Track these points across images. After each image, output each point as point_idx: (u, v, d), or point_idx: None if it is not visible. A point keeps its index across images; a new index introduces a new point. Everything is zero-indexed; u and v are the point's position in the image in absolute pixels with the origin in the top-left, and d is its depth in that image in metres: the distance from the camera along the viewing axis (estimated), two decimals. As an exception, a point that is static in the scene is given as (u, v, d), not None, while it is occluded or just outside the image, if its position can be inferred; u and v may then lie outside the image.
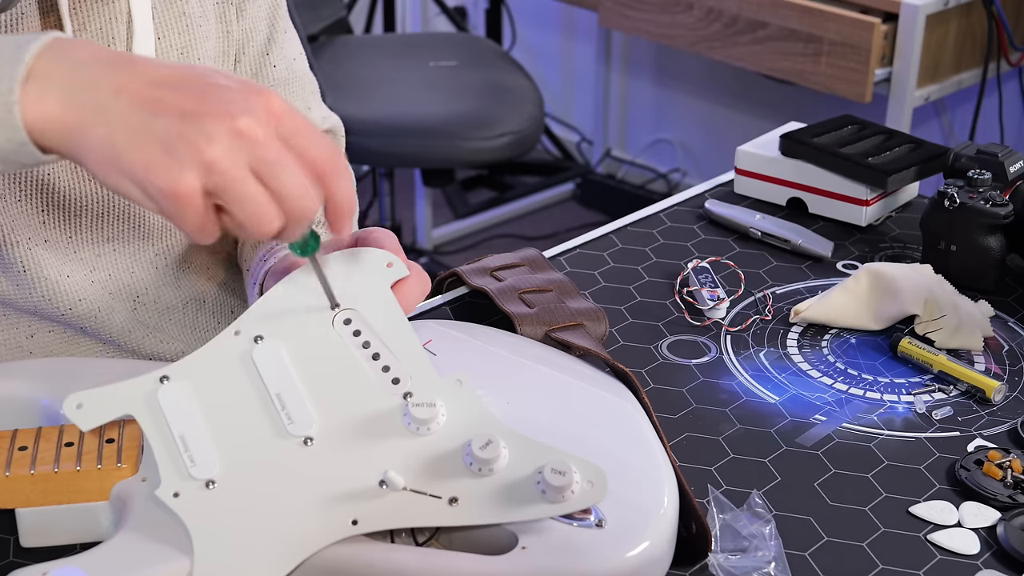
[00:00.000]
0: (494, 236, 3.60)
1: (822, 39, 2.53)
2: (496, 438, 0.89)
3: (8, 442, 0.94)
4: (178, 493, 0.87)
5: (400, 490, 0.88)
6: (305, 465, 0.89)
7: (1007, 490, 1.03)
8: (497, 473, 0.89)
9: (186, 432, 0.89)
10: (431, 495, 0.88)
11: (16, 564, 0.92)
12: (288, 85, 1.27)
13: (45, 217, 1.12)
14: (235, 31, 1.21)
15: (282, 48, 1.26)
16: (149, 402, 0.90)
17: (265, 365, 0.92)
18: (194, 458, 0.88)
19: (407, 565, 0.87)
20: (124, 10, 1.10)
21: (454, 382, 0.93)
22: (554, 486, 0.87)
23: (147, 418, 0.90)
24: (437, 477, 0.89)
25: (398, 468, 0.88)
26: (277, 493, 0.88)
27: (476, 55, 3.13)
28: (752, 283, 1.34)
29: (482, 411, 0.92)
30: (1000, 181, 1.34)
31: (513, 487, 0.88)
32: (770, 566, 0.94)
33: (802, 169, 1.46)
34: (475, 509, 0.88)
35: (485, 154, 2.84)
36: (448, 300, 1.29)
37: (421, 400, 0.91)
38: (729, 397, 1.16)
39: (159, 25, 1.14)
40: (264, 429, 0.90)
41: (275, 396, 0.91)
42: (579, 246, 1.41)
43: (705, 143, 3.62)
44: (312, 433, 0.90)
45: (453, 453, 0.90)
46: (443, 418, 0.91)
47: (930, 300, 1.23)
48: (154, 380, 0.91)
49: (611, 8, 2.91)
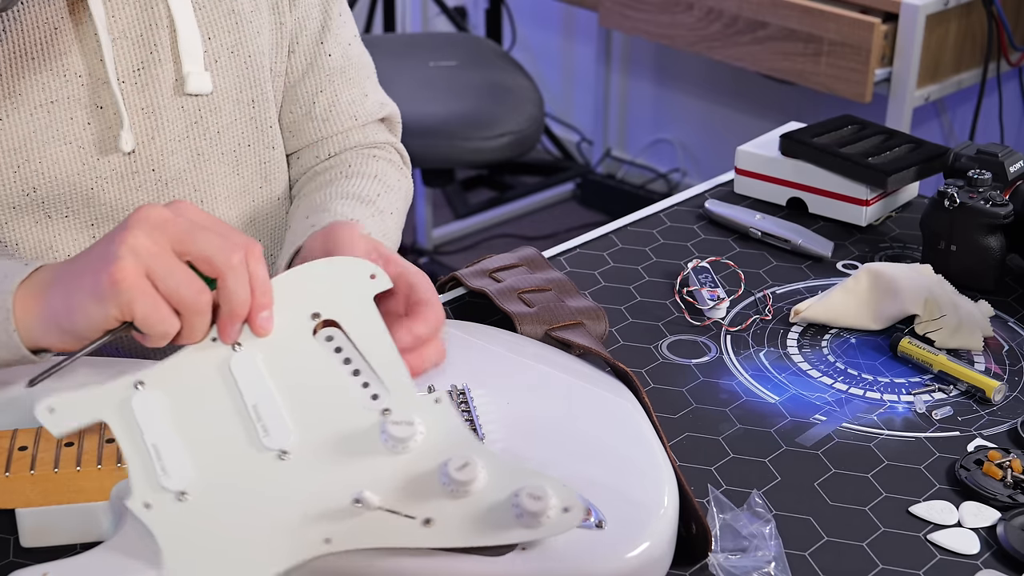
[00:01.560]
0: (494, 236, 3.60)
1: (822, 39, 2.53)
2: (474, 459, 0.88)
3: (8, 442, 0.94)
4: (149, 504, 0.86)
5: (374, 509, 0.86)
6: (279, 480, 0.88)
7: (1007, 490, 1.03)
8: (473, 495, 0.87)
9: (159, 441, 0.87)
10: (405, 515, 0.87)
11: (16, 564, 0.92)
12: (344, 73, 1.26)
13: (95, 231, 1.12)
14: (288, 21, 1.20)
15: (337, 34, 1.25)
16: (122, 409, 0.88)
17: (242, 375, 0.90)
18: (166, 468, 0.87)
19: (407, 565, 0.87)
20: (164, 15, 1.10)
21: (433, 400, 0.91)
22: (530, 511, 0.85)
23: (120, 425, 0.88)
24: (412, 497, 0.87)
25: (373, 486, 0.87)
26: (250, 508, 0.87)
27: (476, 55, 3.13)
28: (752, 283, 1.34)
29: (461, 430, 0.91)
30: (1000, 181, 1.34)
31: (489, 510, 0.87)
32: (770, 566, 0.94)
33: (802, 169, 1.46)
34: (449, 531, 0.86)
35: (485, 154, 2.84)
36: (448, 300, 1.29)
37: (399, 418, 0.89)
38: (729, 397, 1.16)
39: (207, 25, 1.13)
40: (239, 441, 0.89)
41: (252, 407, 0.89)
42: (579, 246, 1.41)
43: (705, 143, 3.62)
44: (288, 447, 0.89)
45: (429, 473, 0.88)
46: (421, 436, 0.90)
47: (930, 300, 1.23)
48: (128, 386, 0.88)
49: (611, 8, 2.91)
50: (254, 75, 1.17)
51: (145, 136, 1.11)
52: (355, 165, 1.24)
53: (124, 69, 1.09)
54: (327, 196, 1.19)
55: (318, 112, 1.25)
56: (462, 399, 1.02)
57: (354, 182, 1.21)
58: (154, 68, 1.10)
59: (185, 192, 1.15)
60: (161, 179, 1.13)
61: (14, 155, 1.06)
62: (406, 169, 1.32)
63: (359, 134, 1.28)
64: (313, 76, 1.24)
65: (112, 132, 1.09)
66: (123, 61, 1.09)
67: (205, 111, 1.14)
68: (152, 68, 1.10)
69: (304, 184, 1.26)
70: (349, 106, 1.27)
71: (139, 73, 1.10)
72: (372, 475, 0.88)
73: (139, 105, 1.10)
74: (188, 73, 1.11)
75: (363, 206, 1.17)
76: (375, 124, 1.31)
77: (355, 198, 1.18)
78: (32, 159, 1.07)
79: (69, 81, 1.07)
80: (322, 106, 1.25)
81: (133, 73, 1.09)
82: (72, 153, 1.08)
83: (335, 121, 1.26)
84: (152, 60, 1.10)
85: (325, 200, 1.18)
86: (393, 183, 1.25)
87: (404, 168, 1.32)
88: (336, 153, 1.27)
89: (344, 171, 1.23)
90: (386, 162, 1.28)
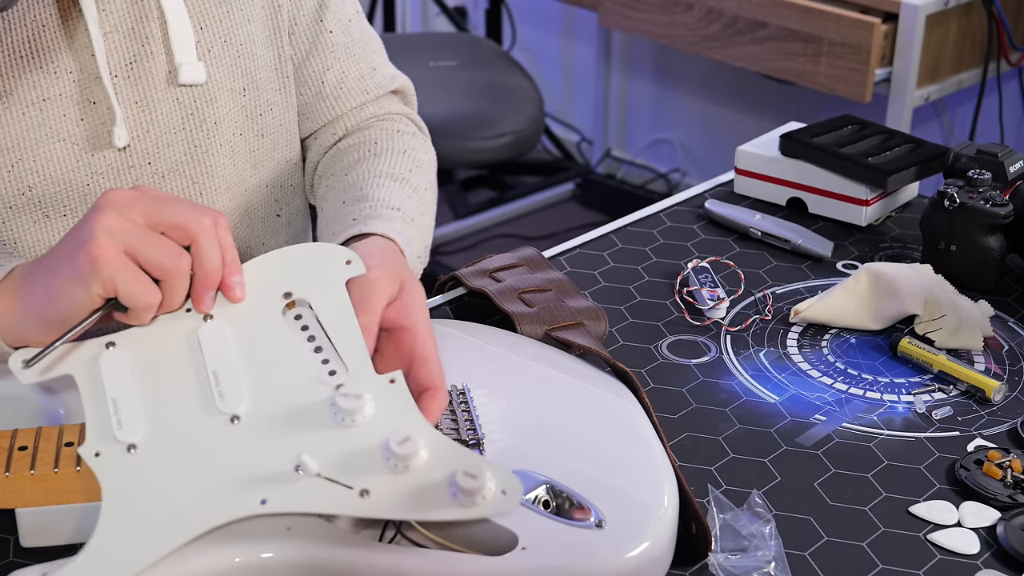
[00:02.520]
0: (494, 236, 3.60)
1: (822, 39, 2.53)
2: (416, 437, 0.89)
3: (8, 442, 0.94)
4: (99, 453, 0.89)
5: (313, 475, 0.88)
6: (226, 442, 0.90)
7: (1007, 490, 1.03)
8: (412, 472, 0.89)
9: (119, 396, 0.91)
10: (343, 484, 0.88)
11: (16, 564, 0.92)
12: (348, 49, 1.26)
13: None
14: (284, 3, 1.20)
15: (335, 12, 1.25)
16: (90, 365, 0.93)
17: (208, 342, 0.94)
18: (121, 422, 0.90)
19: (407, 566, 0.87)
20: (154, 6, 1.10)
21: (387, 380, 0.94)
22: (464, 489, 0.87)
23: (85, 379, 0.92)
24: (353, 468, 0.89)
25: (317, 456, 0.89)
26: (194, 466, 0.89)
27: (476, 55, 3.13)
28: (752, 283, 1.34)
29: (411, 411, 0.93)
30: (1000, 181, 1.34)
31: (425, 486, 0.88)
32: (770, 566, 0.94)
33: (802, 169, 1.46)
34: (384, 503, 0.88)
35: (485, 154, 2.84)
36: (448, 300, 1.29)
37: (348, 391, 0.92)
38: (729, 397, 1.16)
39: (198, 15, 1.13)
40: (194, 403, 0.92)
41: (211, 372, 0.93)
42: (579, 246, 1.41)
43: (705, 143, 3.61)
44: (240, 412, 0.92)
45: (373, 448, 0.90)
46: (369, 412, 0.92)
47: (930, 300, 1.23)
48: (100, 345, 0.94)
49: (611, 8, 2.91)
50: (246, 63, 1.17)
51: (140, 130, 1.11)
52: (381, 142, 1.24)
53: (116, 63, 1.09)
54: (360, 176, 1.19)
55: (328, 91, 1.25)
56: (462, 399, 1.02)
57: (384, 159, 1.21)
58: (146, 61, 1.10)
59: (182, 184, 1.15)
60: (157, 172, 1.13)
61: (7, 154, 1.06)
62: (427, 140, 1.32)
63: (373, 107, 1.28)
64: (317, 55, 1.24)
65: (106, 128, 1.09)
66: (115, 55, 1.09)
67: (201, 102, 1.14)
68: (144, 61, 1.10)
69: (330, 164, 1.25)
70: (359, 80, 1.26)
71: (131, 67, 1.09)
72: (317, 445, 0.90)
73: (132, 99, 1.10)
74: (181, 64, 1.11)
75: (399, 185, 1.18)
76: (388, 96, 1.30)
77: (389, 177, 1.19)
78: (25, 158, 1.07)
79: (60, 78, 1.06)
80: (331, 84, 1.25)
81: (125, 67, 1.09)
82: (66, 150, 1.08)
83: (347, 98, 1.26)
84: (144, 53, 1.10)
85: (359, 180, 1.18)
86: (422, 156, 1.25)
87: (425, 139, 1.32)
88: (353, 129, 1.27)
89: (372, 148, 1.23)
90: (410, 135, 1.28)
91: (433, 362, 0.99)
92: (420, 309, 1.02)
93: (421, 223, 1.16)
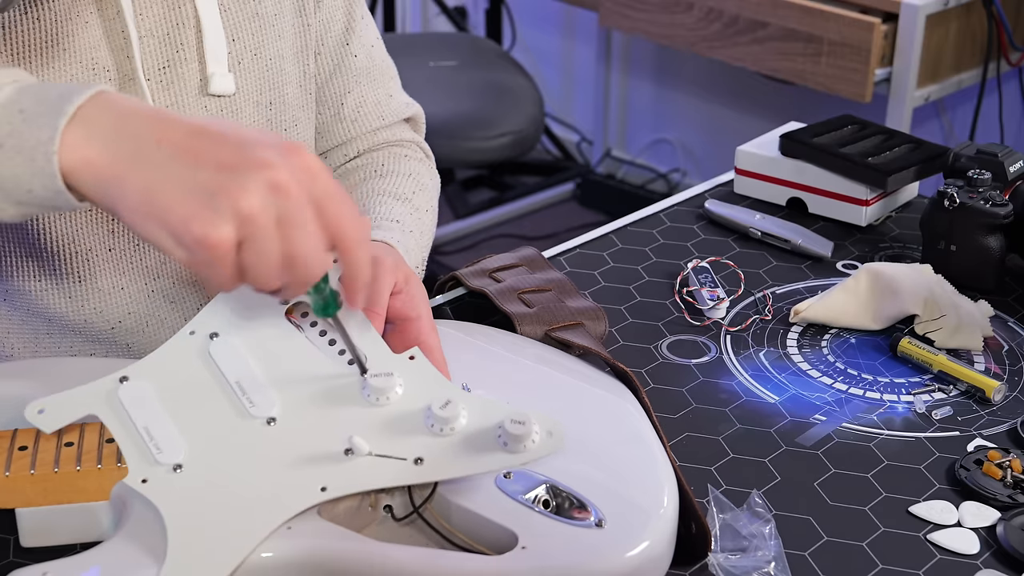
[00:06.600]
0: (494, 236, 3.60)
1: (822, 39, 2.53)
2: (455, 398, 0.92)
3: (8, 442, 0.94)
4: (146, 479, 0.88)
5: (365, 455, 0.89)
6: (271, 442, 0.91)
7: (1007, 490, 1.03)
8: (458, 431, 0.91)
9: (150, 424, 0.91)
10: (397, 457, 0.89)
11: (16, 564, 0.92)
12: (369, 74, 1.27)
13: (115, 225, 1.12)
14: (313, 23, 1.21)
15: (360, 36, 1.26)
16: (110, 400, 0.92)
17: (222, 357, 0.94)
18: (160, 446, 0.90)
19: (407, 565, 0.87)
20: (191, 15, 1.10)
21: (407, 358, 0.96)
22: (514, 435, 0.89)
23: (109, 415, 0.91)
24: (401, 441, 0.90)
25: (361, 436, 0.90)
26: (245, 470, 0.89)
27: (476, 55, 3.13)
28: (752, 283, 1.34)
29: (439, 378, 0.95)
30: (1000, 181, 1.34)
31: (475, 441, 0.90)
32: (770, 566, 0.94)
33: (802, 169, 1.46)
34: (440, 466, 0.89)
35: (485, 154, 2.84)
36: (448, 300, 1.29)
37: (379, 371, 0.94)
38: (729, 397, 1.16)
39: (231, 27, 1.13)
40: (227, 415, 0.92)
41: (235, 384, 0.93)
42: (579, 246, 1.41)
43: (705, 143, 3.62)
44: (275, 414, 0.92)
45: (414, 416, 0.92)
46: (400, 389, 0.93)
47: (930, 300, 1.23)
48: (113, 381, 0.93)
49: (611, 8, 2.91)
50: (274, 78, 1.17)
51: None
52: (388, 164, 1.27)
53: (150, 67, 1.09)
54: (364, 194, 1.22)
55: (347, 113, 1.27)
56: (462, 399, 1.02)
57: (389, 180, 1.24)
58: (179, 67, 1.10)
59: None
60: None
61: None
62: (432, 165, 1.34)
63: (386, 133, 1.30)
64: (340, 77, 1.26)
65: None
66: (149, 59, 1.09)
67: (227, 112, 1.14)
68: (178, 67, 1.10)
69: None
70: (376, 106, 1.28)
71: (164, 72, 1.10)
72: (359, 426, 0.91)
73: (164, 103, 1.10)
74: (212, 74, 1.11)
75: (400, 204, 1.20)
76: (401, 123, 1.33)
77: (391, 196, 1.21)
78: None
79: (97, 75, 1.07)
80: (350, 107, 1.27)
81: (159, 71, 1.10)
82: None
83: (363, 121, 1.28)
84: (178, 59, 1.10)
85: (363, 198, 1.21)
86: (426, 181, 1.28)
87: (431, 165, 1.34)
88: (364, 151, 1.29)
89: (377, 170, 1.26)
90: (416, 161, 1.30)
91: (438, 351, 1.01)
92: (424, 302, 1.03)
93: (419, 239, 1.19)
